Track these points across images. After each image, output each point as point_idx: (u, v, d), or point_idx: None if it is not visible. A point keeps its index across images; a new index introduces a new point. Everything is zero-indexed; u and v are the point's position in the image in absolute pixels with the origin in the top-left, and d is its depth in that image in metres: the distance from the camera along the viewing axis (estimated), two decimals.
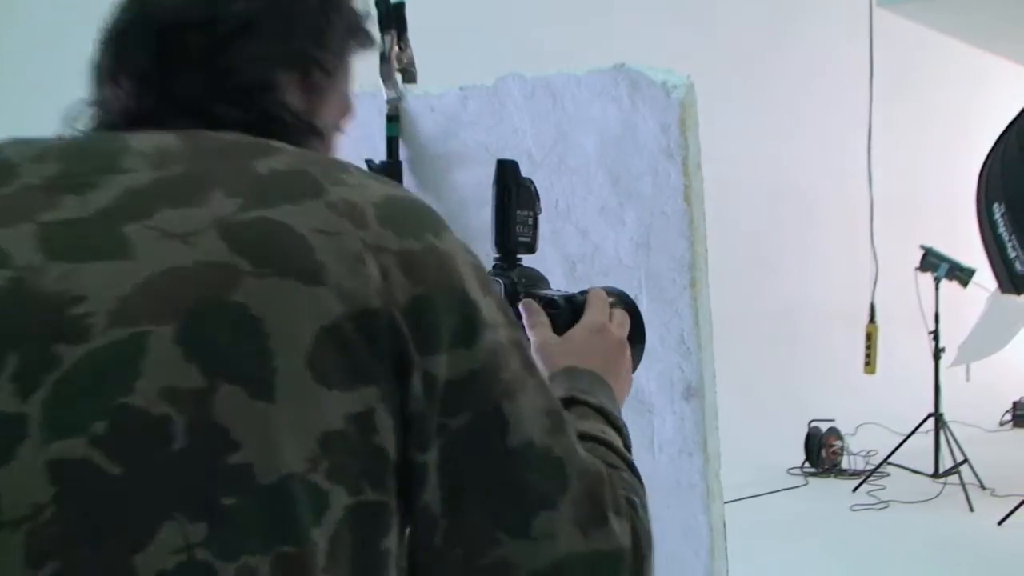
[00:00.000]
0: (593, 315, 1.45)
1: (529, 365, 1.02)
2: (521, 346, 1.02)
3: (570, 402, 1.26)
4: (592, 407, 1.26)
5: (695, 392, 2.04)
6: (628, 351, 1.46)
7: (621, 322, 1.47)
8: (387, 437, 0.92)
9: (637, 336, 1.58)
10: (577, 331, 1.42)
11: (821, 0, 9.63)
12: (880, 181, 8.37)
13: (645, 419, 2.10)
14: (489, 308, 0.99)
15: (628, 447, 1.27)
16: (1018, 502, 6.19)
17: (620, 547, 1.03)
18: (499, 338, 0.99)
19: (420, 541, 0.97)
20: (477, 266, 1.03)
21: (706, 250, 2.07)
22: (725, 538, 2.09)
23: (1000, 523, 6.09)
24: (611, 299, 1.57)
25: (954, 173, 9.06)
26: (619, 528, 1.04)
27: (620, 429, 1.28)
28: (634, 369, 1.58)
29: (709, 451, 2.05)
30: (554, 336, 1.42)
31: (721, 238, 8.04)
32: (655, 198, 2.09)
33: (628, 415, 2.17)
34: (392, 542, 0.94)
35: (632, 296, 1.64)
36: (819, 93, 9.54)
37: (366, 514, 0.91)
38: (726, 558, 2.08)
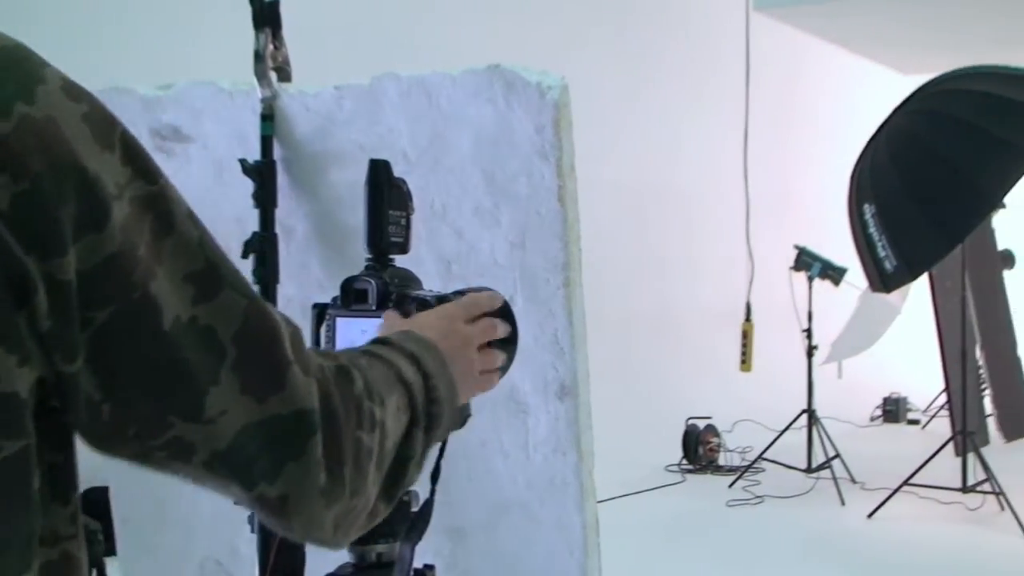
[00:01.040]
0: (449, 307, 1.42)
1: (166, 221, 0.89)
2: (154, 201, 0.88)
3: (384, 342, 1.22)
4: (404, 352, 1.20)
5: (569, 391, 2.06)
6: (472, 351, 1.39)
7: (484, 328, 1.43)
8: (14, 377, 0.80)
9: (510, 337, 1.59)
10: (425, 314, 1.40)
11: (699, 2, 9.77)
12: (756, 182, 8.54)
13: (519, 419, 2.11)
14: (113, 170, 0.84)
15: (434, 399, 1.19)
16: (887, 495, 6.36)
17: (303, 408, 0.96)
18: (129, 206, 0.85)
19: (91, 422, 0.87)
20: (89, 114, 0.85)
21: (580, 250, 2.09)
22: (598, 535, 2.11)
23: (870, 516, 6.25)
24: None
25: (828, 174, 9.27)
26: (303, 389, 0.96)
27: (427, 376, 1.20)
28: (507, 370, 1.59)
29: (583, 449, 2.07)
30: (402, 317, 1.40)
31: (600, 238, 8.16)
32: (530, 199, 2.10)
33: (503, 415, 2.19)
34: (38, 480, 0.84)
35: (507, 296, 1.65)
36: (696, 94, 9.68)
37: (9, 469, 0.81)
38: (599, 555, 2.10)
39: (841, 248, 6.64)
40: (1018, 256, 10.03)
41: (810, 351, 7.32)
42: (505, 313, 1.59)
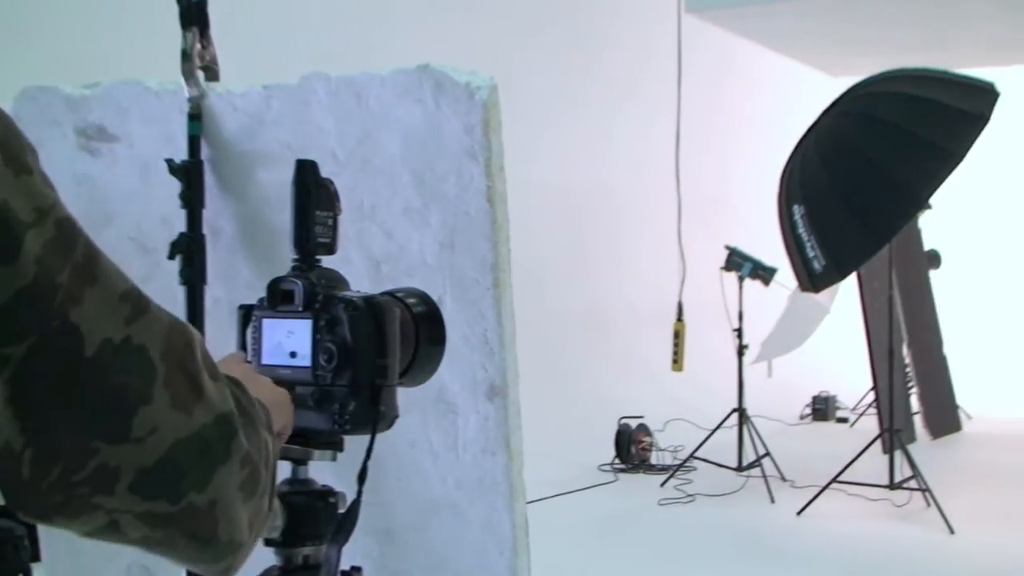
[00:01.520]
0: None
1: (89, 247, 0.86)
2: (74, 225, 0.85)
3: None
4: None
5: (498, 391, 2.06)
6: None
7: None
8: None
9: (438, 337, 1.60)
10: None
11: (630, 4, 9.82)
12: (687, 182, 8.59)
13: (449, 419, 2.12)
14: (27, 195, 0.81)
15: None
16: (816, 492, 6.43)
17: (223, 412, 0.96)
18: (47, 233, 0.82)
19: (6, 479, 0.84)
20: None
21: (509, 251, 2.10)
22: (528, 535, 2.11)
23: (799, 513, 6.32)
24: (412, 300, 1.59)
25: (758, 175, 9.35)
26: (217, 392, 0.96)
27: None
28: (435, 370, 1.59)
29: (512, 449, 2.07)
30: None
31: (531, 238, 8.15)
32: (459, 199, 2.10)
33: (433, 416, 2.19)
34: None
35: (436, 297, 1.65)
36: (629, 95, 9.73)
37: None
38: (528, 555, 2.11)
39: (771, 248, 6.70)
40: (944, 256, 10.20)
41: (740, 350, 7.38)
42: (433, 314, 1.60)
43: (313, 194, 1.57)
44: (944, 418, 9.53)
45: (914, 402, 9.24)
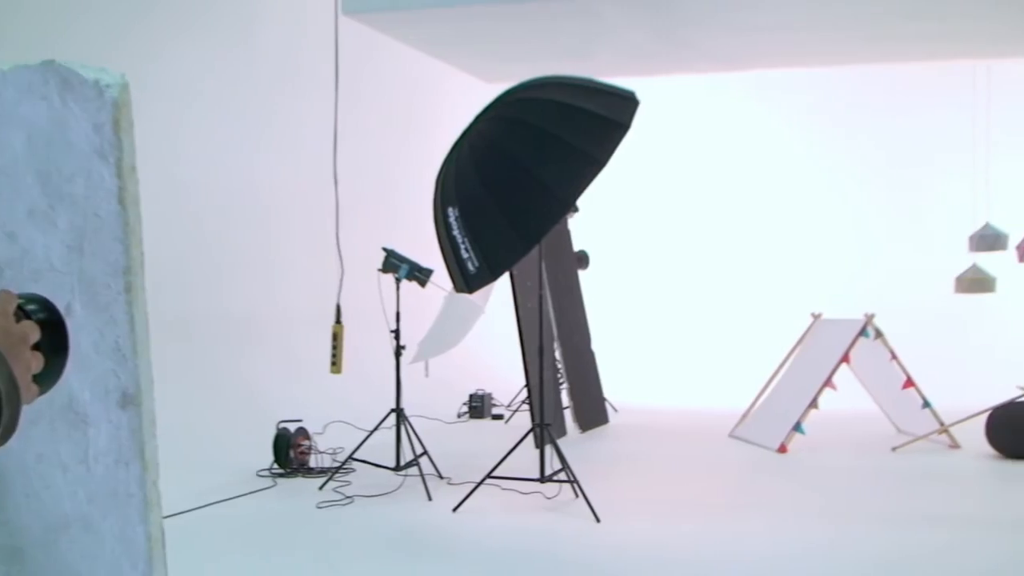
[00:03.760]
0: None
1: None
2: None
3: None
4: None
5: (132, 400, 1.99)
6: (27, 351, 1.36)
7: (30, 329, 1.38)
8: None
9: (60, 345, 1.53)
10: None
11: (286, 4, 9.73)
12: (346, 184, 8.60)
13: (80, 430, 2.03)
14: None
15: None
16: (471, 489, 6.58)
17: None
18: None
19: None
20: None
21: (143, 254, 2.03)
22: (164, 547, 2.05)
23: (455, 509, 6.44)
24: (32, 306, 1.51)
25: (417, 177, 9.47)
26: None
27: None
28: (58, 379, 1.53)
29: (147, 459, 2.00)
30: None
31: (178, 240, 7.93)
32: (88, 200, 2.02)
33: (62, 427, 2.09)
34: None
35: (64, 303, 1.58)
36: (284, 96, 9.64)
37: None
38: (165, 567, 2.05)
39: (430, 250, 6.79)
40: (591, 256, 10.66)
41: (398, 351, 7.45)
42: (55, 321, 1.53)
43: None
44: (592, 412, 9.96)
45: (565, 397, 9.60)
